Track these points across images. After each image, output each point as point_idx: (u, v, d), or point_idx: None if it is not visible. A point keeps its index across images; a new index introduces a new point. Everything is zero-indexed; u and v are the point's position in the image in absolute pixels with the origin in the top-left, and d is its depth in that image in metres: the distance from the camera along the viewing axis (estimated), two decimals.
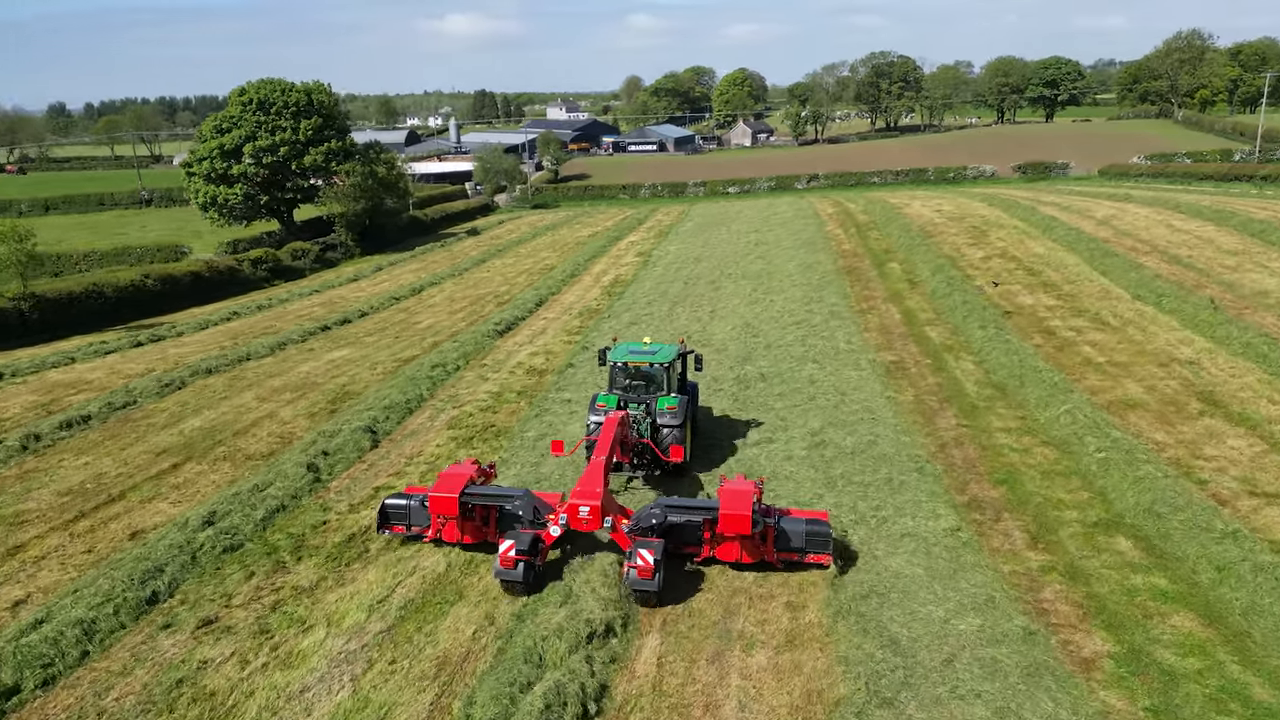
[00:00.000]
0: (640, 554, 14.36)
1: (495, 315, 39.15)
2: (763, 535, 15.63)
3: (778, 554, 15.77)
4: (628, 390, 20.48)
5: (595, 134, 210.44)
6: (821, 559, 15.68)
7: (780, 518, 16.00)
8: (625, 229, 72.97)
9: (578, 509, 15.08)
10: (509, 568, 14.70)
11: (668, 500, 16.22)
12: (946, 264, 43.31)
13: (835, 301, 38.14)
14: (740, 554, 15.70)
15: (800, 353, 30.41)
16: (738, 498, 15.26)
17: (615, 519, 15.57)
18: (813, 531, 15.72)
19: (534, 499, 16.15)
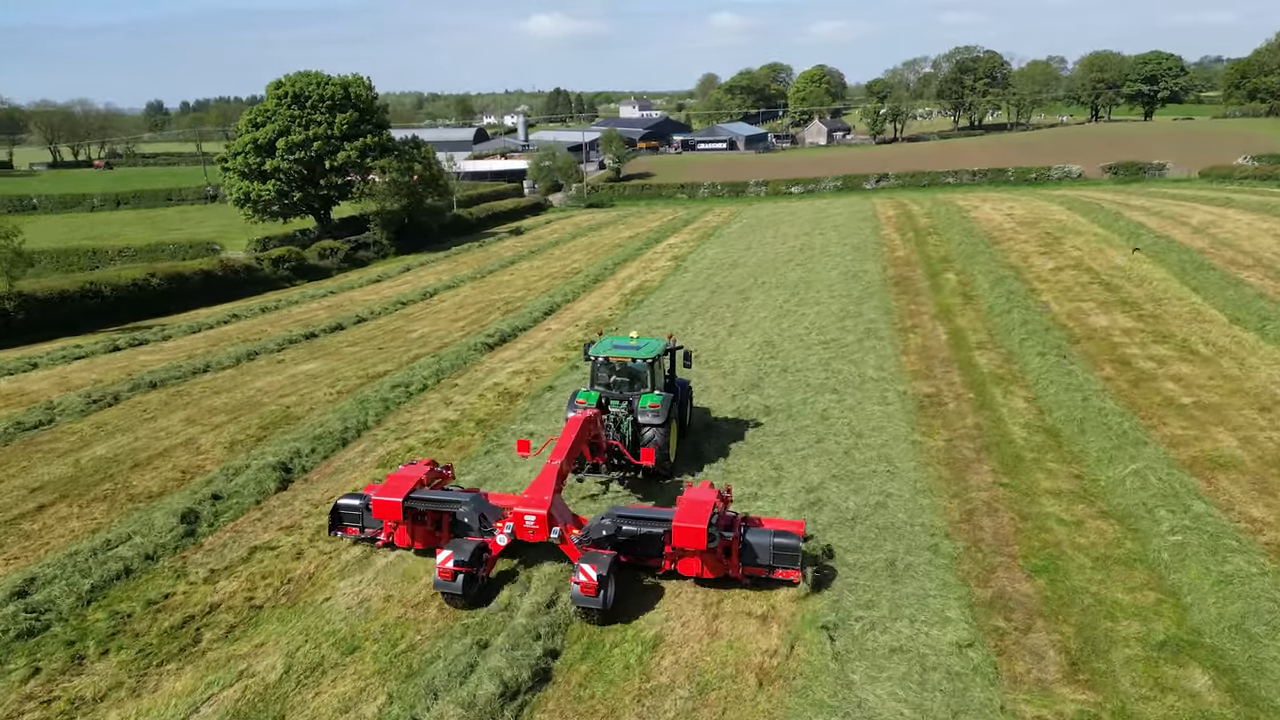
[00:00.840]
0: (583, 569, 13.33)
1: (496, 325, 35.61)
2: (726, 548, 14.48)
3: (743, 569, 14.58)
4: (610, 387, 19.47)
5: (666, 132, 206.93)
6: (790, 575, 14.44)
7: (746, 530, 14.69)
8: (668, 230, 68.86)
9: (523, 517, 14.22)
10: (447, 579, 13.78)
11: (621, 510, 15.01)
12: (1009, 275, 38.05)
13: (874, 318, 33.44)
14: (702, 569, 14.54)
15: (819, 380, 25.97)
16: (694, 509, 14.14)
17: (565, 529, 14.53)
18: (780, 545, 14.41)
19: (482, 505, 15.16)
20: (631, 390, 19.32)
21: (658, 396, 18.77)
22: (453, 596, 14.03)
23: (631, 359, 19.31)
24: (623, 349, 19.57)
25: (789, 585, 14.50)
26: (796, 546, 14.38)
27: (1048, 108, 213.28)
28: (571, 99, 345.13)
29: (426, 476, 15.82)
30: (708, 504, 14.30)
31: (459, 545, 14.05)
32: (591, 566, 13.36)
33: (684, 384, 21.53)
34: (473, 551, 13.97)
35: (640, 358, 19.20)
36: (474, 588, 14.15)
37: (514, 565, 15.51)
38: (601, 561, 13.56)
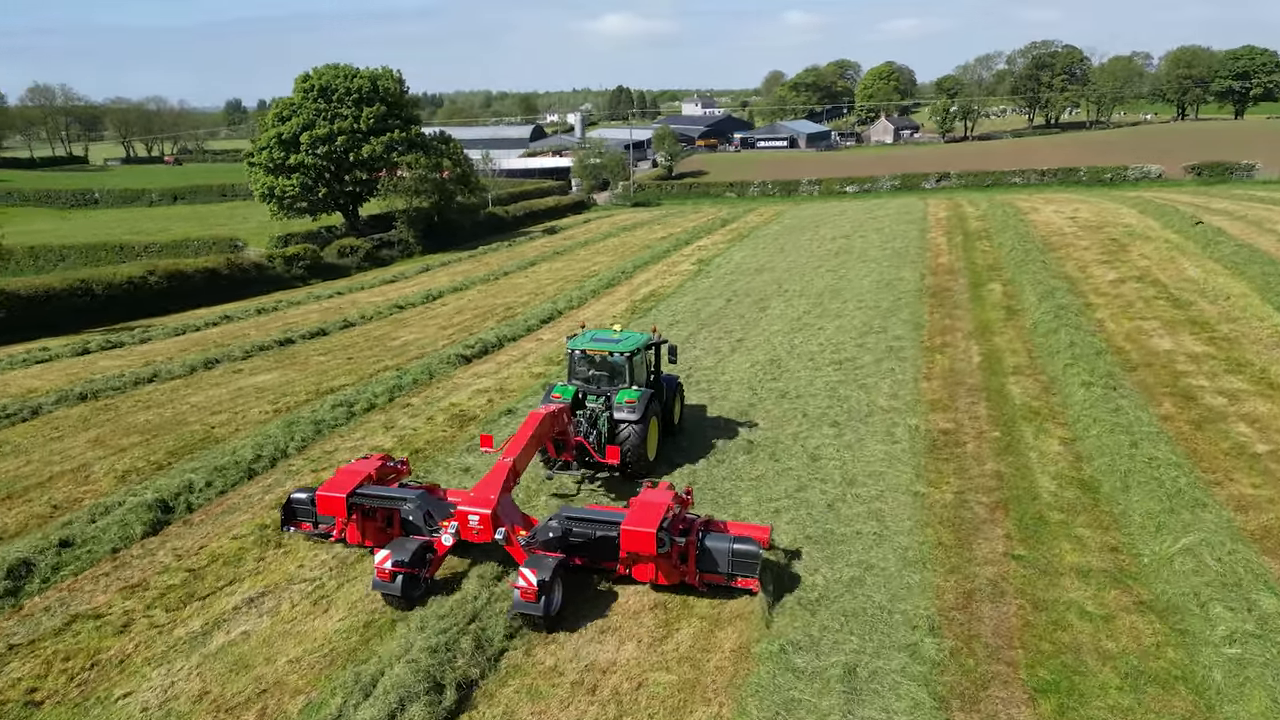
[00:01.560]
0: (523, 573, 12.62)
1: (485, 333, 32.71)
2: (682, 554, 13.65)
3: (700, 575, 13.78)
4: (588, 381, 18.79)
5: (726, 130, 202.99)
6: (749, 584, 13.60)
7: (705, 535, 13.86)
8: (703, 231, 65.27)
9: (467, 517, 13.49)
10: (385, 580, 13.13)
11: (571, 511, 14.31)
12: (1062, 287, 33.67)
13: (900, 334, 29.58)
14: (656, 574, 13.72)
15: (820, 409, 22.36)
16: (646, 511, 13.40)
17: (512, 530, 13.77)
18: (739, 552, 13.59)
19: (430, 503, 14.59)
20: (610, 385, 18.53)
21: (635, 392, 17.96)
22: (392, 598, 13.39)
23: (609, 352, 18.46)
24: (602, 342, 18.71)
25: (748, 594, 13.60)
26: (756, 554, 13.50)
27: (1130, 105, 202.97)
28: (633, 97, 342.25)
29: (377, 472, 15.17)
30: (660, 507, 13.49)
31: (399, 545, 13.42)
32: (533, 571, 12.60)
33: (672, 380, 20.58)
34: (414, 551, 13.31)
35: (618, 351, 18.35)
36: (417, 589, 13.47)
37: None
38: (545, 565, 12.76)
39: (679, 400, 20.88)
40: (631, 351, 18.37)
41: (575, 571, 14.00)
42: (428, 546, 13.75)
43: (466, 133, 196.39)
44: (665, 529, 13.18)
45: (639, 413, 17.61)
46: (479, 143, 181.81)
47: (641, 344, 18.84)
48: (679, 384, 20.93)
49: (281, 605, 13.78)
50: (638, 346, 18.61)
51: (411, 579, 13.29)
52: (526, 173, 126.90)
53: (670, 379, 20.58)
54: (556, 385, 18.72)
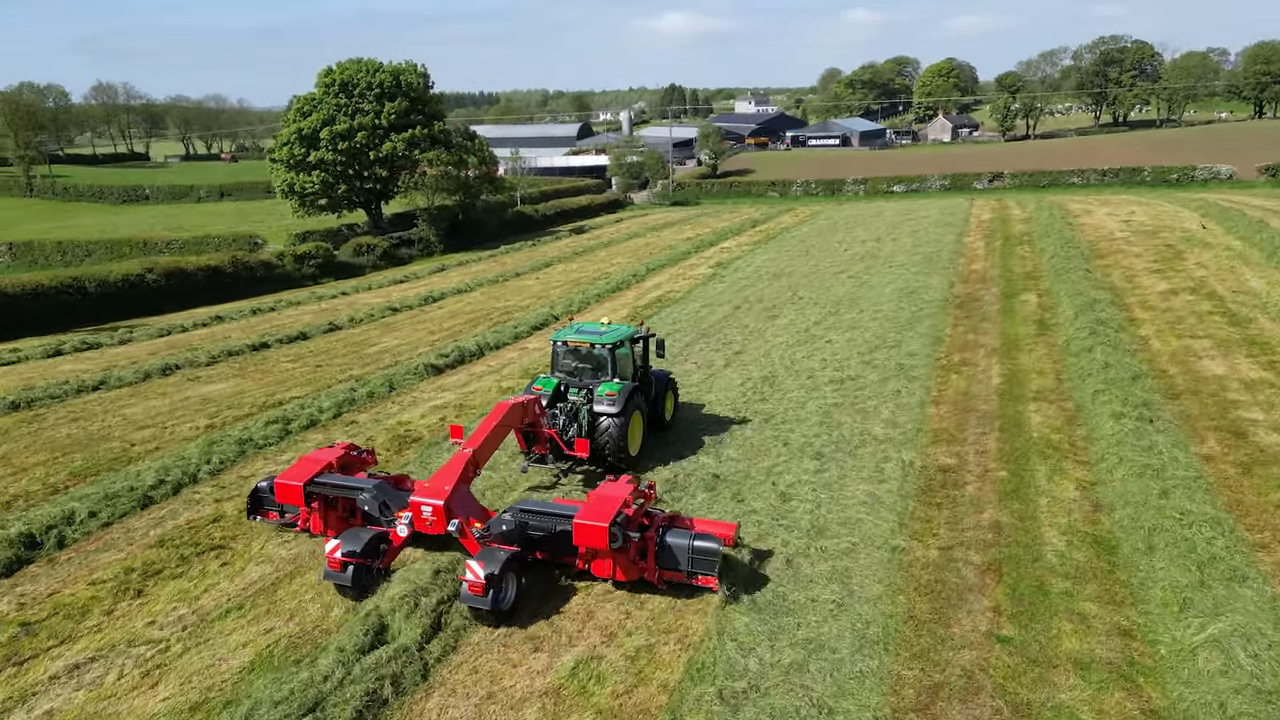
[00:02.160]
0: (470, 566, 12.36)
1: (470, 340, 30.57)
2: (641, 550, 13.30)
3: (660, 572, 13.38)
4: (572, 374, 18.53)
5: (779, 128, 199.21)
6: (709, 582, 13.17)
7: (666, 531, 13.46)
8: (732, 232, 62.41)
9: (420, 508, 13.32)
10: (335, 570, 13.05)
11: (527, 504, 14.02)
12: (1104, 299, 30.32)
13: (915, 349, 26.66)
14: (614, 570, 13.35)
15: (804, 438, 19.67)
16: (601, 505, 13.06)
17: (466, 522, 13.49)
18: (699, 549, 13.21)
19: (386, 493, 14.29)
20: (594, 378, 18.23)
21: (616, 385, 17.61)
22: (343, 588, 13.18)
23: (590, 344, 18.10)
24: (585, 334, 18.44)
25: (709, 592, 13.20)
26: (716, 551, 13.11)
27: (1204, 104, 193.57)
28: (685, 95, 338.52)
29: (338, 461, 14.93)
30: (616, 501, 13.10)
31: (352, 534, 13.39)
32: (480, 564, 12.32)
33: (663, 376, 20.34)
34: (367, 541, 13.19)
35: (601, 343, 18.01)
36: (372, 580, 13.27)
37: None
38: (494, 559, 12.45)
39: (671, 396, 20.63)
40: (613, 344, 18.03)
41: (536, 566, 13.78)
42: (382, 537, 13.59)
43: (514, 131, 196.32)
44: (619, 523, 12.75)
45: (619, 405, 17.23)
46: (525, 141, 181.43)
47: (625, 337, 18.48)
48: (670, 379, 20.61)
49: (108, 675, 11.67)
50: (621, 339, 18.26)
51: (363, 569, 13.12)
52: (566, 170, 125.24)
53: (661, 374, 20.32)
54: (539, 377, 18.70)
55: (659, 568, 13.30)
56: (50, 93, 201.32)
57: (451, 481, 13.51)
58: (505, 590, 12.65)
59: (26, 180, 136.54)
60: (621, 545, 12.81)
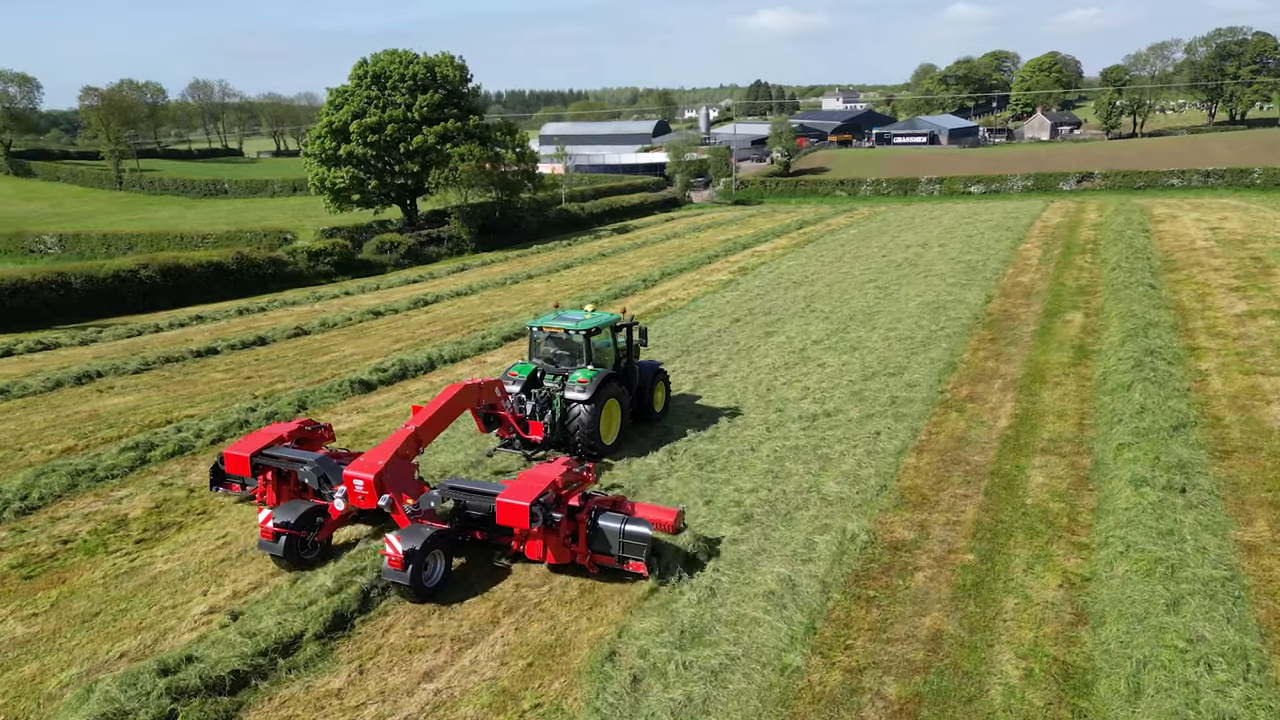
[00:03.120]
0: (389, 539, 12.30)
1: (427, 351, 27.67)
2: (573, 534, 12.99)
3: (592, 556, 12.99)
4: (550, 361, 18.54)
5: (864, 125, 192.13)
6: (639, 568, 12.77)
7: (599, 513, 12.99)
8: (775, 233, 58.12)
9: (353, 481, 12.99)
10: (268, 540, 13.19)
11: (458, 481, 14.32)
12: (1163, 322, 25.48)
13: (919, 377, 22.54)
14: (545, 552, 13.04)
15: (739, 494, 15.98)
16: (528, 484, 12.90)
17: (398, 497, 13.10)
18: (629, 534, 12.74)
19: (327, 466, 14.05)
20: (570, 365, 18.15)
21: (590, 372, 17.50)
22: (277, 559, 13.40)
23: (564, 330, 17.96)
24: (563, 320, 18.29)
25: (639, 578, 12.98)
26: (645, 536, 12.83)
27: None
28: (771, 92, 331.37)
29: (290, 435, 14.99)
30: (543, 481, 13.03)
31: (289, 506, 13.54)
32: (399, 539, 12.35)
33: (651, 366, 19.98)
34: (302, 514, 13.34)
35: (576, 330, 17.81)
36: (309, 552, 13.57)
37: None
38: (417, 535, 12.49)
39: (662, 387, 20.18)
40: (589, 330, 17.82)
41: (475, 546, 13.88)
42: (320, 510, 13.64)
43: (591, 128, 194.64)
44: (541, 503, 12.58)
45: (589, 393, 16.99)
46: (601, 138, 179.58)
47: (603, 323, 18.22)
48: (659, 370, 20.05)
49: None
50: (597, 326, 18.03)
51: (297, 541, 13.29)
52: (630, 168, 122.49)
53: (650, 364, 19.97)
54: (516, 363, 18.77)
55: (591, 551, 13.01)
56: (148, 89, 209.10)
57: (386, 456, 13.22)
58: (431, 568, 12.65)
59: (116, 174, 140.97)
60: (544, 525, 12.62)
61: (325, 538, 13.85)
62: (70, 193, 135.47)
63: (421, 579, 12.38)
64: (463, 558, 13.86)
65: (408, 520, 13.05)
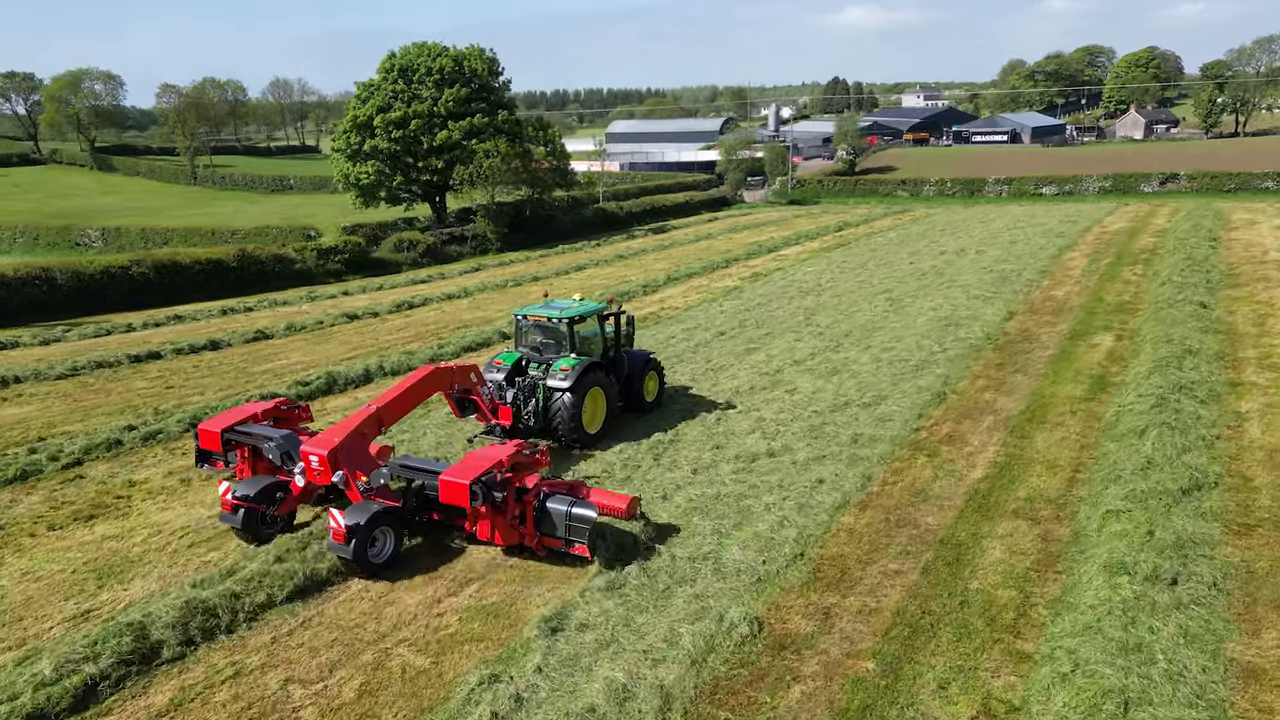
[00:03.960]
0: (332, 514, 12.45)
1: (380, 358, 25.46)
2: (520, 515, 12.91)
3: (540, 538, 13.01)
4: (536, 350, 18.36)
5: (943, 123, 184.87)
6: (583, 551, 12.73)
7: (548, 497, 12.98)
8: (808, 236, 54.46)
9: (309, 457, 13.09)
10: (227, 512, 13.50)
11: (409, 459, 14.44)
12: (1206, 350, 21.56)
13: (897, 410, 19.30)
14: (493, 533, 12.95)
15: (623, 553, 13.16)
16: (473, 463, 12.89)
17: (353, 475, 13.14)
18: (575, 516, 12.67)
19: (291, 443, 14.04)
20: (555, 353, 18.14)
21: (572, 360, 17.49)
22: (236, 531, 13.64)
23: (547, 318, 18.06)
24: (546, 308, 18.35)
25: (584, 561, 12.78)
26: (589, 519, 12.64)
27: None
28: (850, 89, 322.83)
29: (264, 414, 15.03)
30: (489, 460, 12.86)
31: (250, 480, 13.81)
32: (342, 513, 12.39)
33: (641, 356, 19.85)
34: (261, 488, 13.56)
35: (559, 317, 17.85)
36: (270, 526, 13.70)
37: None
38: (363, 510, 12.47)
39: (654, 377, 19.98)
40: (572, 318, 17.77)
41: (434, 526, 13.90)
42: (282, 485, 13.80)
43: (655, 125, 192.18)
44: (483, 482, 12.53)
45: (570, 381, 16.91)
46: (666, 135, 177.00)
47: (587, 312, 18.14)
48: (650, 359, 19.89)
49: None
50: (581, 314, 17.97)
51: (257, 515, 13.48)
52: (685, 166, 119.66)
53: (640, 354, 19.89)
54: (502, 352, 18.95)
55: (539, 534, 13.00)
56: (229, 87, 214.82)
57: (343, 434, 13.24)
58: (379, 544, 12.73)
59: (191, 169, 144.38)
60: (489, 505, 12.61)
61: (286, 513, 14.05)
62: (148, 187, 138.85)
63: (366, 554, 12.46)
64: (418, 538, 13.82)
65: (360, 497, 13.05)
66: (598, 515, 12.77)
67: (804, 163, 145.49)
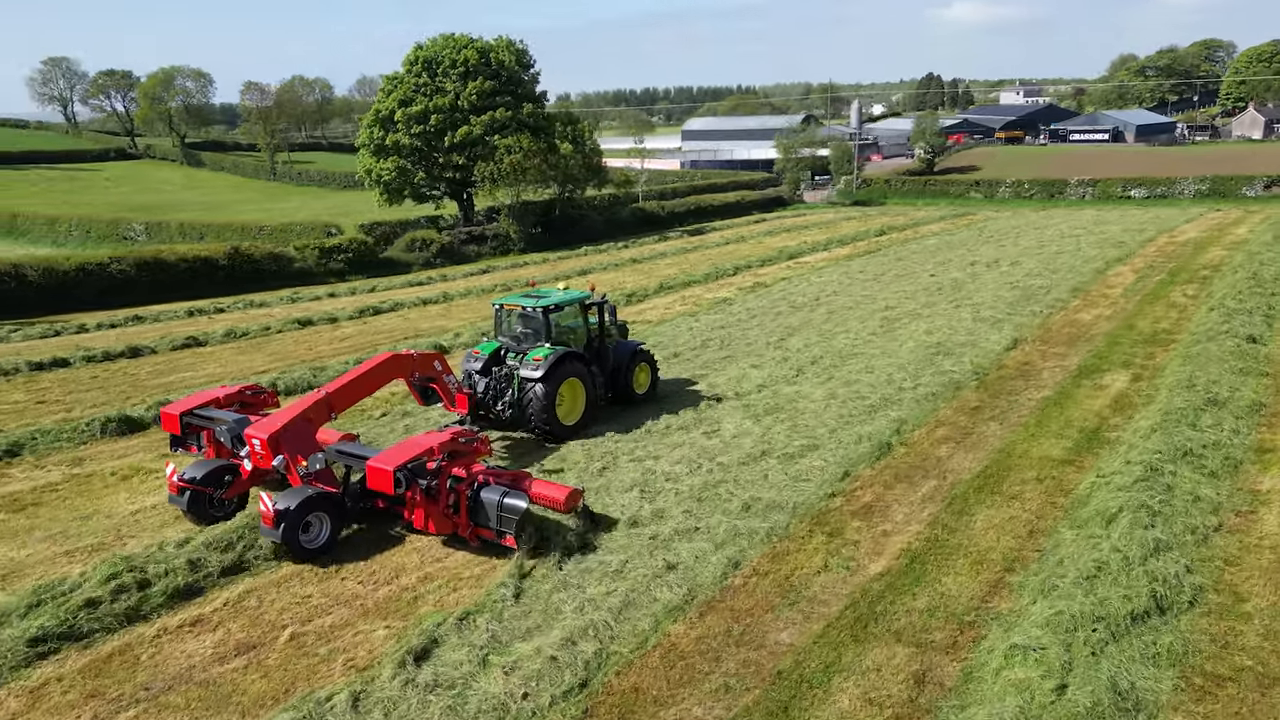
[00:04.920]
0: (262, 497, 12.45)
1: (304, 370, 23.03)
2: (454, 504, 12.65)
3: (474, 529, 12.74)
4: (517, 339, 17.89)
5: (1040, 120, 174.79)
6: (509, 542, 12.41)
7: (482, 486, 12.64)
8: (838, 242, 49.85)
9: (251, 440, 13.15)
10: (174, 494, 13.68)
11: (345, 445, 14.07)
12: (1239, 400, 17.08)
13: (823, 465, 15.61)
14: (428, 522, 12.87)
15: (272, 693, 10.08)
16: (402, 449, 12.84)
17: (294, 459, 12.99)
18: (505, 506, 12.35)
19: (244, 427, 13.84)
20: (534, 343, 17.55)
21: (546, 349, 16.96)
22: (184, 513, 13.73)
23: (523, 307, 17.68)
24: (526, 298, 17.92)
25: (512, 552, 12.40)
26: (518, 509, 12.28)
27: None
28: (945, 86, 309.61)
29: (227, 399, 15.05)
30: (419, 447, 12.73)
31: (198, 463, 13.85)
32: (270, 496, 12.36)
33: (630, 346, 19.35)
34: (209, 471, 13.63)
35: (535, 306, 17.41)
36: (218, 509, 13.73)
37: None
38: (293, 495, 12.43)
39: (645, 369, 19.57)
40: (547, 307, 17.43)
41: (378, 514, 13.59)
42: (231, 469, 13.82)
43: (732, 123, 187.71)
44: (409, 469, 12.33)
45: (542, 371, 16.60)
46: (742, 133, 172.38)
47: (566, 301, 17.92)
48: (639, 350, 19.47)
49: None
50: (559, 303, 17.74)
51: (204, 498, 13.55)
52: (753, 164, 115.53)
53: (629, 345, 19.46)
54: (482, 342, 18.64)
55: (473, 524, 12.75)
56: (316, 85, 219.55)
57: (288, 417, 13.22)
58: (314, 530, 12.62)
59: (271, 165, 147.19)
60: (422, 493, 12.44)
61: (235, 496, 14.05)
62: (230, 183, 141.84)
63: (297, 539, 12.37)
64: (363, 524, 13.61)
65: (300, 482, 12.93)
66: (527, 505, 12.43)
67: (882, 161, 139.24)
